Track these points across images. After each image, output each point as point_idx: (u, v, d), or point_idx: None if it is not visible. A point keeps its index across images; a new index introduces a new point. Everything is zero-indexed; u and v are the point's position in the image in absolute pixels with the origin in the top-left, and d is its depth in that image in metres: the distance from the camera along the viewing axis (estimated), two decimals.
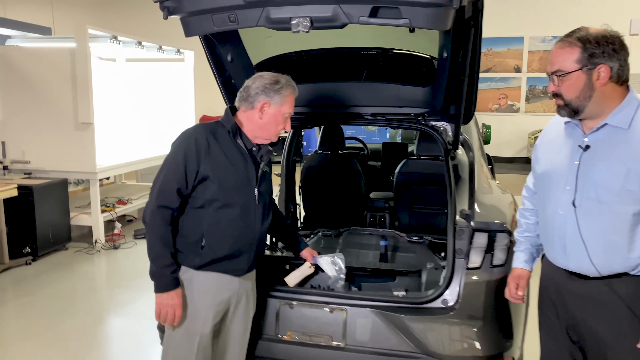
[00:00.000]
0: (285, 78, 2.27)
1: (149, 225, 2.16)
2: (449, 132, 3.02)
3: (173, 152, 2.20)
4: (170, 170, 2.17)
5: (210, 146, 2.18)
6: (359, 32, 2.69)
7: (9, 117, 5.91)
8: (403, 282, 3.10)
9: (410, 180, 3.97)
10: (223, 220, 2.21)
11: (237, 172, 2.24)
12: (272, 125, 2.26)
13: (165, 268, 2.16)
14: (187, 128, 2.30)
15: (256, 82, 2.25)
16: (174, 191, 2.15)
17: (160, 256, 2.16)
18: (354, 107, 3.13)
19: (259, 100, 2.23)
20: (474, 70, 2.47)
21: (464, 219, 2.50)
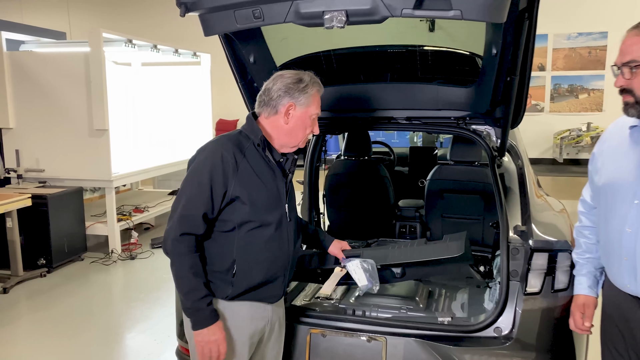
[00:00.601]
0: (309, 75, 2.03)
1: (174, 256, 1.89)
2: (492, 137, 2.75)
3: (196, 171, 1.92)
4: (194, 192, 1.89)
5: (238, 163, 1.92)
6: (376, 32, 2.45)
7: (23, 125, 5.76)
8: (441, 298, 2.83)
9: (443, 187, 3.70)
10: (256, 243, 1.96)
11: (268, 189, 1.98)
12: (300, 130, 2.02)
13: (200, 301, 1.89)
14: (208, 142, 2.02)
15: (277, 83, 1.99)
16: (199, 216, 1.88)
17: (193, 289, 1.88)
18: (386, 111, 2.87)
19: (283, 103, 1.98)
20: (525, 68, 2.20)
21: (518, 236, 2.22)
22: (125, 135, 6.04)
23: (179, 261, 1.88)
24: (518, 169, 2.62)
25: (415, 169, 4.74)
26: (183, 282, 1.89)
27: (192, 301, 1.88)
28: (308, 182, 4.24)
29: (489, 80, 2.35)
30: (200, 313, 1.89)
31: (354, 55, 2.73)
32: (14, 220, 4.89)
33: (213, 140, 2.02)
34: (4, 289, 4.76)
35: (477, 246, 3.67)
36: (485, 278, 3.28)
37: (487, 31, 2.20)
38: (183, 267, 1.87)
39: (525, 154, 2.87)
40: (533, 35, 2.08)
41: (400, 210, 4.08)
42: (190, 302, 1.89)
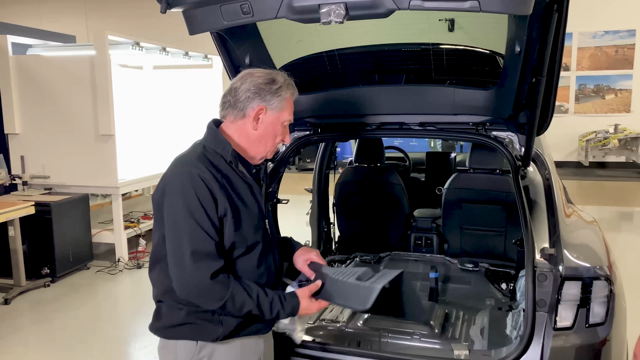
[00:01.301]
0: (283, 75, 1.78)
1: (207, 301, 1.65)
2: (515, 144, 2.48)
3: (181, 202, 1.63)
4: (193, 226, 1.61)
5: (219, 180, 1.68)
6: (390, 34, 2.20)
7: (29, 130, 5.65)
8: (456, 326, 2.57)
9: (461, 197, 3.43)
10: (247, 270, 1.74)
11: (249, 209, 1.75)
12: (270, 138, 1.78)
13: (273, 303, 1.71)
14: (178, 164, 1.73)
15: (246, 82, 1.73)
16: (214, 250, 1.62)
17: (259, 304, 1.69)
18: (398, 116, 2.62)
19: (253, 106, 1.72)
20: (553, 68, 1.94)
21: (546, 260, 1.94)
22: (134, 140, 5.88)
23: (230, 301, 1.64)
24: (545, 181, 2.35)
25: (432, 176, 4.46)
26: (250, 308, 1.68)
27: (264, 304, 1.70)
28: (317, 190, 4.01)
29: (511, 81, 2.08)
30: (282, 312, 1.73)
31: (360, 56, 2.49)
32: (16, 229, 4.76)
33: (179, 164, 1.71)
34: (6, 299, 4.63)
35: (499, 260, 3.40)
36: (506, 296, 3.01)
37: (510, 26, 1.94)
38: (236, 301, 1.65)
39: (552, 163, 2.59)
40: (563, 30, 1.82)
41: (416, 220, 3.82)
42: (264, 305, 1.70)
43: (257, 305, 1.67)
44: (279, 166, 2.94)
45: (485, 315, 2.65)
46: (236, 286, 1.65)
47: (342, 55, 2.48)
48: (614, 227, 6.70)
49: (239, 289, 1.65)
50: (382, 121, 2.70)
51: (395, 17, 1.87)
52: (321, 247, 3.95)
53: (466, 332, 2.51)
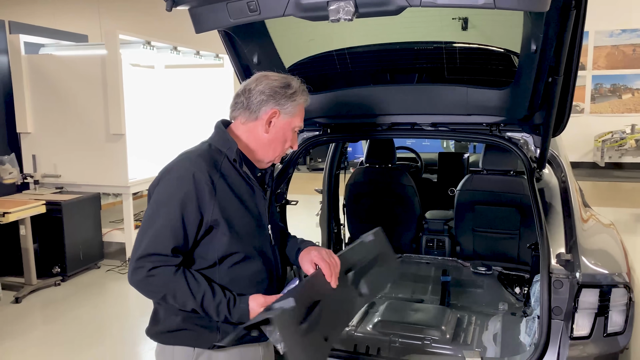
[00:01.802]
0: (298, 81, 1.75)
1: (148, 295, 1.61)
2: (530, 145, 2.41)
3: (163, 198, 1.62)
4: (162, 224, 1.58)
5: (214, 183, 1.62)
6: (402, 33, 2.19)
7: (40, 129, 5.67)
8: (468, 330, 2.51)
9: (474, 199, 3.37)
10: (242, 278, 1.67)
11: (249, 212, 1.70)
12: (279, 143, 1.74)
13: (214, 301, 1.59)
14: (173, 161, 1.70)
15: (261, 84, 1.69)
16: (168, 252, 1.57)
17: (200, 307, 1.59)
18: (409, 116, 2.56)
19: (266, 109, 1.69)
20: (571, 68, 1.87)
21: (562, 266, 1.88)
22: (144, 140, 5.88)
23: (170, 297, 1.59)
24: (561, 183, 2.28)
25: (445, 177, 4.39)
26: (194, 307, 1.59)
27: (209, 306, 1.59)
28: (327, 190, 3.97)
29: (527, 81, 2.02)
30: (230, 317, 1.61)
31: (371, 55, 2.43)
32: (27, 228, 4.77)
33: (180, 159, 1.69)
34: (17, 298, 4.64)
35: (513, 264, 3.34)
36: (520, 300, 2.94)
37: (525, 23, 1.88)
38: (177, 298, 1.58)
39: (568, 165, 2.52)
40: (581, 27, 1.75)
41: (427, 222, 3.76)
42: (209, 307, 1.59)
43: (200, 305, 1.59)
44: (287, 167, 2.90)
45: (498, 320, 2.59)
46: (179, 282, 1.57)
47: (352, 54, 2.43)
48: (630, 230, 6.57)
49: (181, 287, 1.57)
50: (393, 121, 2.65)
51: (406, 15, 1.82)
52: (331, 249, 3.90)
53: (478, 337, 2.46)
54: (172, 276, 1.57)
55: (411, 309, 2.70)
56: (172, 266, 1.58)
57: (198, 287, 1.59)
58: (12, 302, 4.62)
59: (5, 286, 4.58)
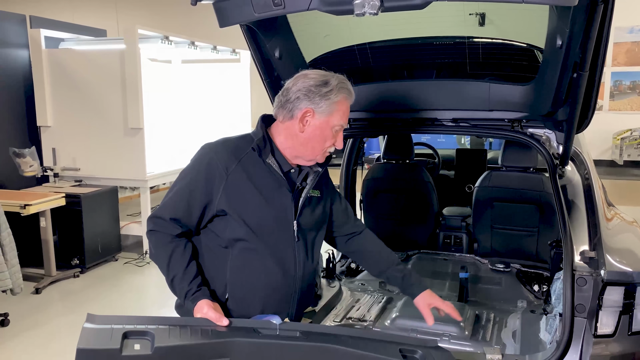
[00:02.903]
0: (338, 78, 1.74)
1: (150, 245, 1.74)
2: (552, 142, 2.39)
3: (185, 171, 1.75)
4: (172, 196, 1.72)
5: (228, 170, 1.68)
6: (419, 28, 2.19)
7: (60, 123, 5.74)
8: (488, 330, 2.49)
9: (493, 195, 3.34)
10: (251, 266, 1.71)
11: (269, 204, 1.71)
12: (317, 142, 1.73)
13: (180, 290, 1.68)
14: (210, 142, 1.79)
15: (298, 83, 1.72)
16: (167, 220, 1.69)
17: (170, 284, 1.70)
18: (429, 111, 2.55)
19: (300, 108, 1.70)
20: (596, 63, 1.84)
21: (586, 263, 1.86)
22: (162, 134, 5.92)
23: (154, 259, 1.73)
24: (584, 180, 2.26)
25: (463, 174, 4.37)
26: (163, 270, 1.70)
27: (175, 287, 1.68)
28: (344, 186, 3.96)
29: (551, 76, 2.00)
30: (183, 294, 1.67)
31: (393, 49, 2.42)
32: (47, 220, 4.84)
33: (213, 141, 1.78)
34: (37, 289, 4.72)
35: (531, 261, 3.31)
36: (539, 298, 2.92)
37: (551, 18, 1.85)
38: (159, 263, 1.71)
39: (592, 162, 2.49)
40: (608, 22, 1.73)
41: (445, 219, 3.74)
42: (175, 288, 1.68)
43: (170, 282, 1.68)
44: None
45: (518, 317, 2.57)
46: (164, 252, 1.67)
47: (373, 48, 2.43)
48: None
49: (163, 257, 1.67)
50: (413, 117, 2.64)
51: (422, 11, 1.81)
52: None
53: (497, 334, 2.44)
54: (163, 243, 1.68)
55: None
56: (168, 234, 1.68)
57: (175, 265, 1.66)
58: (32, 293, 4.70)
59: (26, 277, 4.64)
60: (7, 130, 5.63)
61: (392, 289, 3.11)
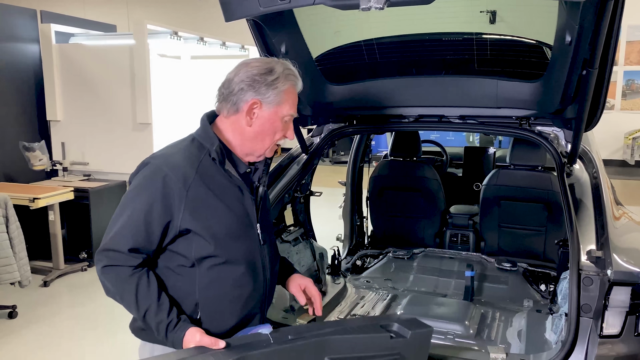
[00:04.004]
0: (283, 64, 1.60)
1: (103, 285, 1.55)
2: (561, 140, 2.36)
3: (130, 196, 1.54)
4: (125, 223, 1.51)
5: (188, 185, 1.52)
6: (429, 26, 2.17)
7: (69, 117, 5.77)
8: (493, 330, 2.48)
9: (500, 194, 3.32)
10: (223, 280, 1.58)
11: (233, 214, 1.59)
12: (268, 135, 1.60)
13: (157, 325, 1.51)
14: (153, 154, 1.61)
15: (240, 73, 1.57)
16: (125, 252, 1.50)
17: (142, 319, 1.53)
18: (437, 108, 2.53)
19: (246, 100, 1.56)
20: (606, 60, 1.82)
21: (593, 263, 1.84)
22: (170, 130, 5.93)
23: (119, 299, 1.54)
24: (592, 179, 2.23)
25: (470, 172, 4.34)
26: (138, 317, 1.54)
27: (150, 320, 1.52)
28: (351, 183, 3.96)
29: (560, 73, 1.97)
30: (166, 339, 1.52)
31: (400, 45, 2.40)
32: (56, 214, 4.88)
33: (159, 154, 1.60)
34: (45, 282, 4.76)
35: (538, 260, 3.28)
36: (546, 298, 2.89)
37: (560, 14, 1.83)
38: (124, 301, 1.53)
39: (600, 160, 2.46)
40: (618, 18, 1.70)
41: (452, 217, 3.72)
42: (150, 322, 1.52)
43: (142, 317, 1.52)
44: (312, 158, 2.90)
45: (523, 317, 2.55)
46: (129, 288, 1.50)
47: (380, 44, 2.41)
48: None
49: (129, 293, 1.50)
50: (420, 113, 2.62)
51: (433, 8, 1.79)
52: (353, 241, 3.90)
53: (503, 333, 2.43)
54: (124, 278, 1.51)
55: (434, 303, 2.68)
56: (128, 267, 1.51)
57: (145, 297, 1.51)
58: (40, 286, 4.74)
59: (34, 270, 4.68)
60: (17, 124, 5.67)
61: (396, 286, 3.10)
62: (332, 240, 3.72)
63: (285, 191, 2.74)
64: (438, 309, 2.59)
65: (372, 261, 3.58)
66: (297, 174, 2.83)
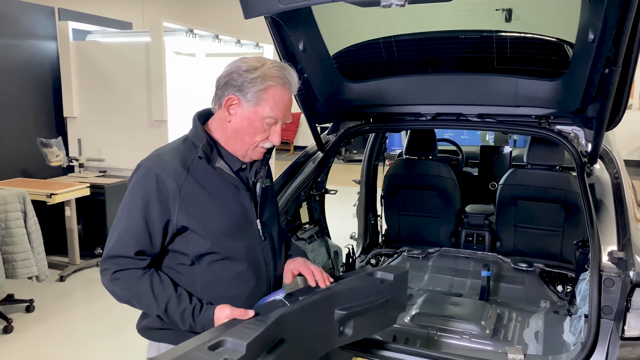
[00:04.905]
0: (273, 64, 1.55)
1: (116, 298, 1.55)
2: (581, 139, 2.33)
3: (126, 200, 1.55)
4: (125, 228, 1.52)
5: (180, 184, 1.51)
6: (445, 24, 2.16)
7: (86, 114, 5.83)
8: (510, 329, 2.46)
9: (517, 194, 3.28)
10: (223, 278, 1.58)
11: (227, 212, 1.58)
12: (246, 134, 1.55)
13: (179, 306, 1.52)
14: (150, 155, 1.61)
15: (228, 67, 1.56)
16: (131, 255, 1.51)
17: (164, 313, 1.53)
18: (455, 106, 2.51)
19: (226, 95, 1.54)
20: (630, 58, 1.79)
21: (614, 264, 1.81)
22: (185, 127, 5.95)
23: (135, 301, 1.55)
24: (613, 179, 2.20)
25: (486, 171, 4.30)
26: (158, 313, 1.53)
27: (173, 313, 1.52)
28: (365, 181, 3.95)
29: (581, 72, 1.95)
30: (194, 325, 1.52)
31: (418, 43, 2.39)
32: (72, 209, 4.93)
33: (149, 156, 1.60)
34: (61, 277, 4.81)
35: (555, 261, 3.25)
36: (562, 299, 2.86)
37: (583, 11, 1.81)
38: (141, 302, 1.53)
39: (621, 160, 2.43)
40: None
41: (467, 216, 3.69)
42: (174, 314, 1.52)
43: (164, 311, 1.52)
44: (328, 156, 2.90)
45: (540, 318, 2.53)
46: (143, 286, 1.51)
47: (398, 42, 2.40)
48: None
49: (145, 291, 1.51)
50: (438, 111, 2.60)
51: (449, 7, 1.77)
52: (367, 240, 3.89)
53: (519, 334, 2.40)
54: (136, 279, 1.52)
55: (450, 302, 2.66)
56: (138, 269, 1.52)
57: (163, 292, 1.52)
58: (57, 280, 4.80)
59: (51, 265, 4.75)
60: (35, 120, 5.73)
61: (411, 285, 3.09)
62: (346, 239, 3.71)
63: (301, 189, 2.74)
64: (454, 308, 2.57)
65: (387, 260, 3.57)
66: (312, 172, 2.83)
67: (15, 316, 4.05)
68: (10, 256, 3.84)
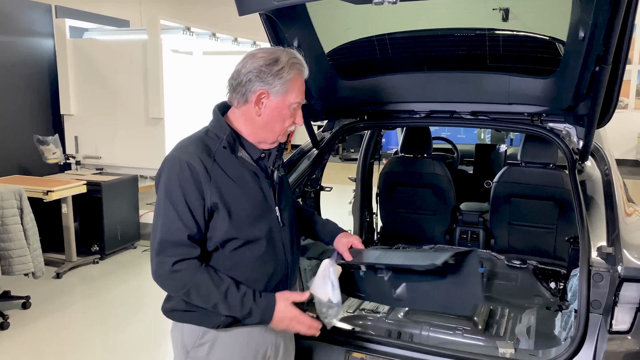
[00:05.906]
0: (289, 54, 1.64)
1: (180, 291, 1.60)
2: (572, 137, 2.35)
3: (164, 190, 1.60)
4: (171, 216, 1.56)
5: (208, 170, 1.59)
6: (441, 23, 2.16)
7: (83, 112, 5.84)
8: (503, 324, 2.48)
9: (511, 191, 3.31)
10: (245, 262, 1.65)
11: (251, 197, 1.66)
12: (277, 123, 1.66)
13: (245, 299, 1.61)
14: (175, 147, 1.67)
15: (247, 64, 1.62)
16: (185, 240, 1.56)
17: (223, 299, 1.59)
18: (448, 104, 2.53)
19: (254, 90, 1.62)
20: (619, 56, 1.81)
21: (603, 259, 1.83)
22: (182, 125, 5.98)
23: (194, 290, 1.59)
24: (604, 176, 2.22)
25: (481, 169, 4.32)
26: (217, 300, 1.59)
27: (229, 308, 1.60)
28: (361, 179, 3.97)
29: (573, 69, 1.97)
30: (255, 308, 1.61)
31: (412, 41, 2.40)
32: (68, 206, 4.94)
33: (175, 149, 1.66)
34: (58, 274, 4.83)
35: (548, 258, 3.27)
36: (555, 295, 2.89)
37: (574, 10, 1.83)
38: (201, 291, 1.58)
39: (612, 157, 2.45)
40: (632, 13, 1.69)
41: (462, 214, 3.71)
42: (229, 309, 1.60)
43: (224, 297, 1.58)
44: (323, 153, 2.91)
45: (532, 314, 2.55)
46: (203, 276, 1.58)
47: (392, 40, 2.41)
48: None
49: (205, 279, 1.58)
50: (431, 109, 2.62)
51: (446, 5, 1.79)
52: (363, 237, 3.91)
53: (511, 330, 2.43)
54: (196, 269, 1.58)
55: None
56: (195, 259, 1.58)
57: (221, 280, 1.60)
58: (53, 277, 4.82)
59: (47, 262, 4.77)
60: (31, 117, 5.75)
61: None
62: None
63: (295, 186, 2.76)
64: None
65: None
66: (307, 169, 2.85)
67: (11, 313, 4.07)
68: (7, 253, 3.86)
